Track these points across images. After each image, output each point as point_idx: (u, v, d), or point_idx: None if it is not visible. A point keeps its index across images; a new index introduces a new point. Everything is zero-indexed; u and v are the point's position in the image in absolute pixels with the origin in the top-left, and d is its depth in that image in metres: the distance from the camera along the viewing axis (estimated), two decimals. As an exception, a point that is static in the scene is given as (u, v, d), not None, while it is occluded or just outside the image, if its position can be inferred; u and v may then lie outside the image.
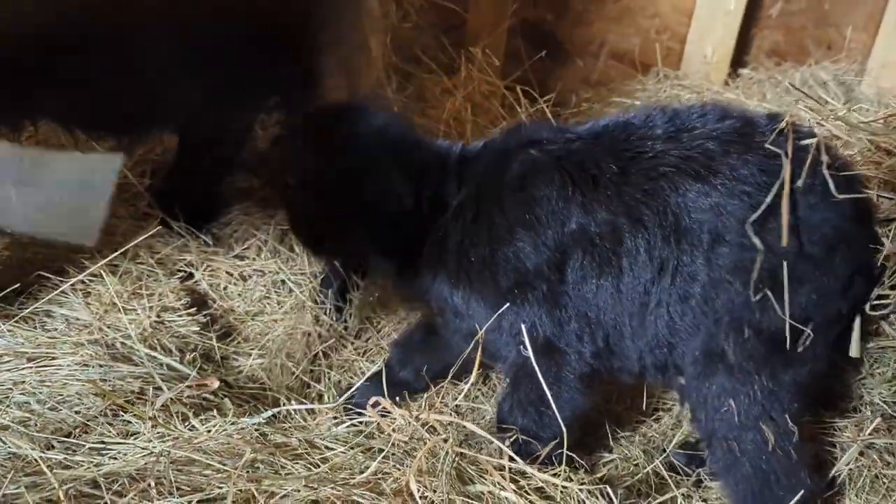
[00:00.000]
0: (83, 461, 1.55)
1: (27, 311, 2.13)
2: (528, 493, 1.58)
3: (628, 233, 1.74)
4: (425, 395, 2.11)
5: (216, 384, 1.98)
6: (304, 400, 1.84)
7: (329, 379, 2.36)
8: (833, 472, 1.90)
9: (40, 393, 1.92)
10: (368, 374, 1.90)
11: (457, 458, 1.63)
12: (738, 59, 3.53)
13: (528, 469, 1.62)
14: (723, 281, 1.71)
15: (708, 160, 1.73)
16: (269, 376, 2.33)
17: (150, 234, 2.48)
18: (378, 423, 1.72)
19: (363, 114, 1.97)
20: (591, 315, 1.78)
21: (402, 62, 3.14)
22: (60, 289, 2.17)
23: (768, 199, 1.67)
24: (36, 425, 1.81)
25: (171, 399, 1.85)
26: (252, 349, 2.41)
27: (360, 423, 1.79)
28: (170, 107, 2.31)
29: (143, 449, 1.59)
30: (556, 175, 1.78)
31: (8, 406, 1.87)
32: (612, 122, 1.89)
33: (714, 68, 3.47)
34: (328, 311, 2.53)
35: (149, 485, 1.47)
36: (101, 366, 2.04)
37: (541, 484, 1.58)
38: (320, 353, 2.43)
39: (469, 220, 1.86)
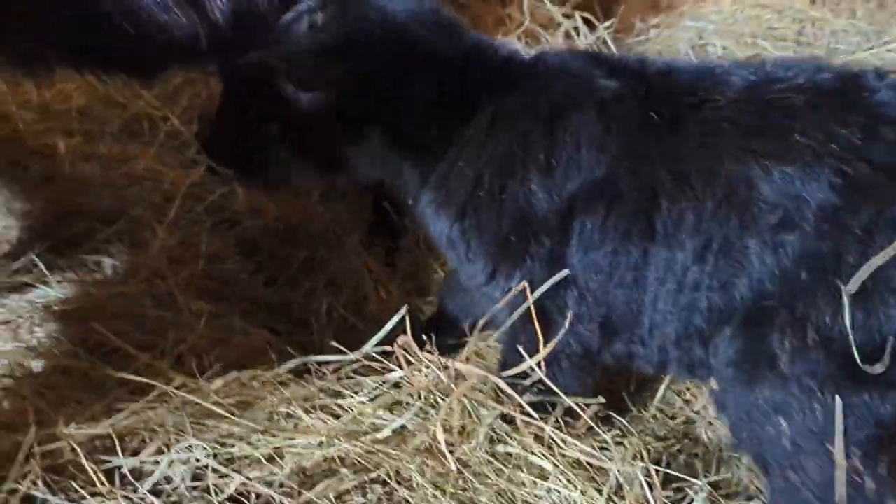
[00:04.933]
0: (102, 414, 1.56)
1: (75, 263, 2.16)
2: (561, 460, 1.49)
3: (668, 194, 1.47)
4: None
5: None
6: (342, 349, 1.77)
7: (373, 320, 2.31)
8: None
9: (86, 344, 1.94)
10: (393, 321, 1.80)
11: (491, 415, 1.55)
12: (826, -28, 3.20)
13: (568, 438, 1.52)
14: (785, 271, 1.42)
15: (788, 118, 1.42)
16: (316, 319, 2.31)
17: (195, 181, 2.49)
18: (405, 372, 1.65)
19: None
20: (594, 286, 1.55)
21: (455, -9, 2.98)
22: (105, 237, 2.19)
23: None
24: (78, 372, 1.84)
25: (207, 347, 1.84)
26: (300, 294, 2.39)
27: (385, 371, 1.71)
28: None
29: (158, 400, 1.57)
30: (594, 116, 1.54)
31: (55, 352, 1.91)
32: (690, 65, 1.63)
33: (798, -16, 3.16)
34: (377, 254, 2.48)
35: (168, 438, 1.46)
36: (144, 315, 2.06)
37: (579, 455, 1.49)
38: (370, 296, 2.39)
39: (491, 142, 1.62)
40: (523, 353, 1.58)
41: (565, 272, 1.54)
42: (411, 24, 1.66)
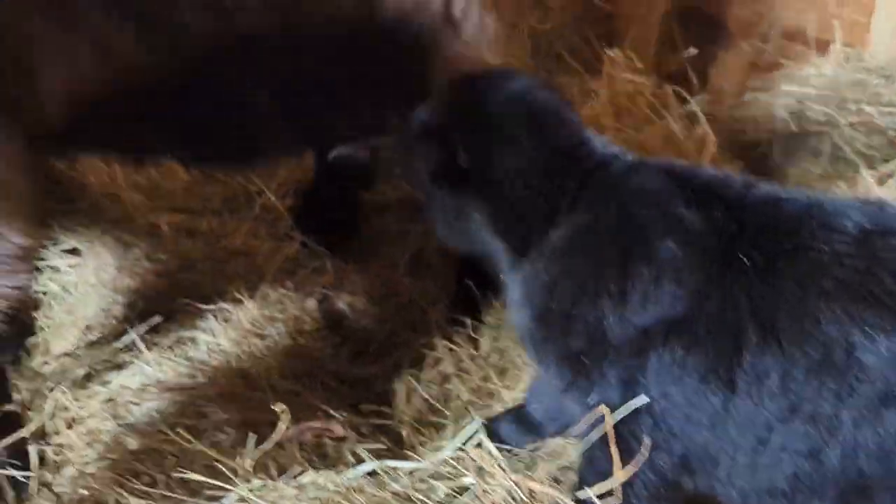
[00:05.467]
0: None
1: (172, 340, 2.29)
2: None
3: (753, 347, 1.39)
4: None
5: (340, 432, 2.00)
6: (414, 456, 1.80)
7: (458, 402, 2.33)
8: None
9: (179, 424, 2.05)
10: (466, 431, 1.79)
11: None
12: (941, 32, 3.02)
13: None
14: (884, 447, 1.35)
15: None
16: (396, 399, 2.34)
17: (288, 256, 2.59)
18: (477, 484, 1.66)
19: (502, 85, 1.70)
20: (671, 420, 1.47)
21: (541, 62, 2.99)
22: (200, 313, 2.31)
23: None
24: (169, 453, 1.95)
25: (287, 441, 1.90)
26: (382, 370, 2.44)
27: (458, 476, 1.72)
28: (302, 131, 2.31)
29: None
30: (675, 249, 1.45)
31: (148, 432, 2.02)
32: (800, 196, 1.51)
33: (909, 44, 3.00)
34: (461, 331, 2.50)
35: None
36: (234, 394, 2.16)
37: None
38: (452, 375, 2.41)
39: (568, 255, 1.58)
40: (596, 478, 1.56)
41: (641, 399, 1.48)
42: (516, 114, 1.65)
